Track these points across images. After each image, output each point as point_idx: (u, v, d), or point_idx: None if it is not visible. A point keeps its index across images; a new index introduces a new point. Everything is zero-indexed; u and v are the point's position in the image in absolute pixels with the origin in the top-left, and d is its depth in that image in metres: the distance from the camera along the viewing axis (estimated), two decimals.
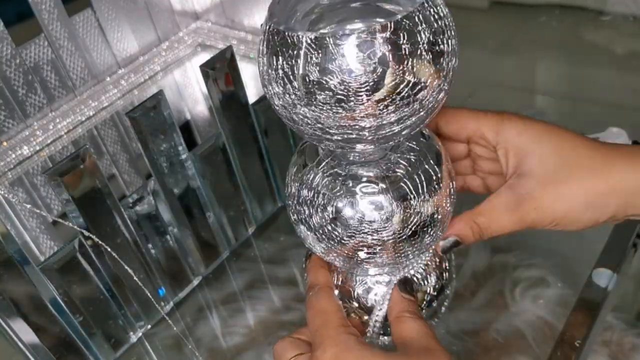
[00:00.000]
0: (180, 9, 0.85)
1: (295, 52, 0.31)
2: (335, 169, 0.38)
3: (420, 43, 0.30)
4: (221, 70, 0.52)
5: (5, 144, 0.71)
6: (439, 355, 0.37)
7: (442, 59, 0.32)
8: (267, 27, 0.32)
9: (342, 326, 0.38)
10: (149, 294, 0.53)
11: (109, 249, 0.48)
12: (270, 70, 0.32)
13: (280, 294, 0.58)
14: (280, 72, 0.32)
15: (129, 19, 0.79)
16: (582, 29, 0.89)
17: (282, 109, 0.33)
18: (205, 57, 0.75)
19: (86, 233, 0.47)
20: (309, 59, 0.30)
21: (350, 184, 0.37)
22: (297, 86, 0.31)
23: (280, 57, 0.31)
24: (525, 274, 0.56)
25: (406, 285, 0.43)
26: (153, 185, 0.52)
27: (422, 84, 0.31)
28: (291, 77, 0.31)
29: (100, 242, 0.48)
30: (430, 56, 0.31)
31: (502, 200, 0.41)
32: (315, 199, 0.38)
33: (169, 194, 0.53)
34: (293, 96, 0.32)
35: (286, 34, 0.31)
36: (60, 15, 0.72)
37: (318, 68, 0.30)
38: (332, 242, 0.39)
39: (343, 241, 0.38)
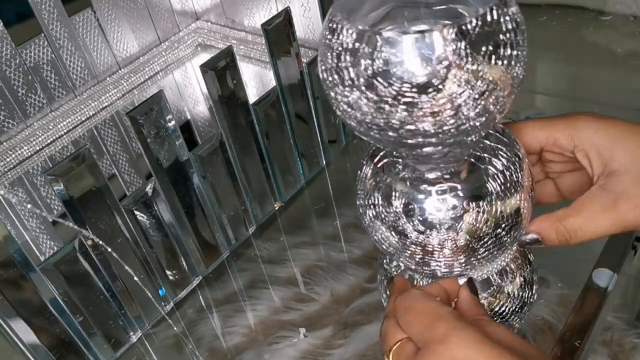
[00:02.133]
0: (180, 9, 0.85)
1: (354, 48, 0.30)
2: (407, 173, 0.38)
3: (488, 46, 0.30)
4: (221, 70, 0.52)
5: (5, 144, 0.71)
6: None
7: (509, 62, 0.31)
8: (329, 18, 0.32)
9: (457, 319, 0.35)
10: (149, 294, 0.53)
11: (109, 249, 0.48)
12: (330, 64, 0.32)
13: (280, 294, 0.58)
14: (339, 67, 0.31)
15: (129, 19, 0.79)
16: (582, 29, 0.89)
17: (338, 99, 0.33)
18: (205, 57, 0.75)
19: (86, 233, 0.47)
20: (366, 57, 0.30)
21: (423, 186, 0.37)
22: (355, 82, 0.31)
23: (339, 53, 0.31)
24: None
25: (472, 286, 0.40)
26: (153, 185, 0.52)
27: (486, 88, 0.30)
28: (348, 72, 0.31)
29: (100, 242, 0.48)
30: (498, 59, 0.30)
31: (596, 200, 0.38)
32: (387, 203, 0.38)
33: (169, 194, 0.53)
34: (353, 90, 0.31)
35: (347, 29, 0.30)
36: (60, 15, 0.72)
37: (377, 66, 0.30)
38: (405, 250, 0.39)
39: (416, 246, 0.38)
